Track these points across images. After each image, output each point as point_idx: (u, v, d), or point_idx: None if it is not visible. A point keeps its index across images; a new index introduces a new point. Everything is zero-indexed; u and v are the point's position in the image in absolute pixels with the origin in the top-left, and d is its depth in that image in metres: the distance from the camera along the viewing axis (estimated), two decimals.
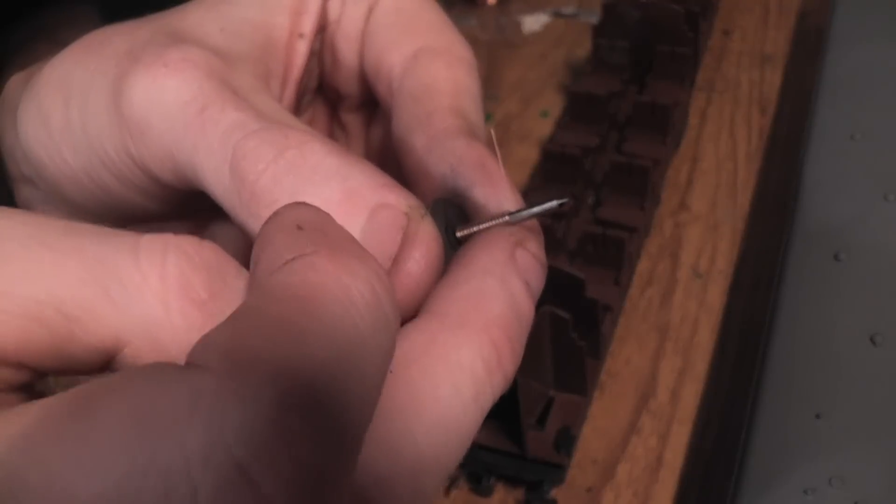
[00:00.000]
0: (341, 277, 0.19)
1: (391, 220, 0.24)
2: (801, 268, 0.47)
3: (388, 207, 0.24)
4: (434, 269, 0.24)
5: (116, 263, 0.21)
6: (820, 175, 0.51)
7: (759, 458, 0.40)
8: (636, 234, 0.46)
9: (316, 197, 0.23)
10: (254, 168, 0.24)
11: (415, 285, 0.24)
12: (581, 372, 0.40)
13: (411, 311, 0.24)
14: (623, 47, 0.54)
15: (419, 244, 0.24)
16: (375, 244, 0.23)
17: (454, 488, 0.40)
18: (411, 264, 0.23)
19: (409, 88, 0.29)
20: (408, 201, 0.24)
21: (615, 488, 0.40)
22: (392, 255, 0.23)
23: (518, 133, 0.58)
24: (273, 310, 0.18)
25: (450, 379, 0.21)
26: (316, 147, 0.24)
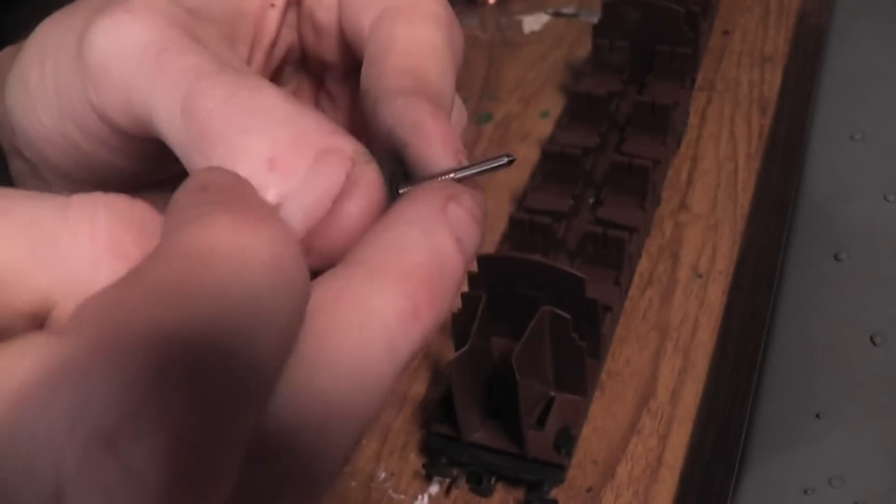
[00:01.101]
0: (237, 237, 0.19)
1: (336, 163, 0.24)
2: (801, 268, 0.47)
3: (335, 151, 0.24)
4: (373, 214, 0.24)
5: (45, 223, 0.21)
6: (820, 175, 0.51)
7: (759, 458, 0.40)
8: (636, 234, 0.46)
9: (264, 137, 0.23)
10: (204, 106, 0.24)
11: (353, 227, 0.24)
12: (581, 372, 0.40)
13: (341, 253, 0.24)
14: (623, 47, 0.54)
15: (361, 187, 0.24)
16: (318, 186, 0.23)
17: (454, 488, 0.41)
18: (351, 206, 0.23)
19: (368, 51, 0.29)
20: (354, 147, 0.24)
21: (615, 488, 0.40)
22: (333, 197, 0.23)
23: (518, 133, 0.58)
24: (158, 271, 0.17)
25: (359, 328, 0.20)
26: (268, 91, 0.24)
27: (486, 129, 0.59)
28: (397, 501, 0.41)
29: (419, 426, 0.43)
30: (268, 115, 0.24)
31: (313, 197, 0.23)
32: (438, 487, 0.41)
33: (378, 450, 0.42)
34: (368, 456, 0.42)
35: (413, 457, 0.42)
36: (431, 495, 0.41)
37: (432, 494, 0.41)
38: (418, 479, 0.41)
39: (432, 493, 0.41)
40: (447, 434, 0.39)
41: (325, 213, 0.23)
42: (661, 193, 0.52)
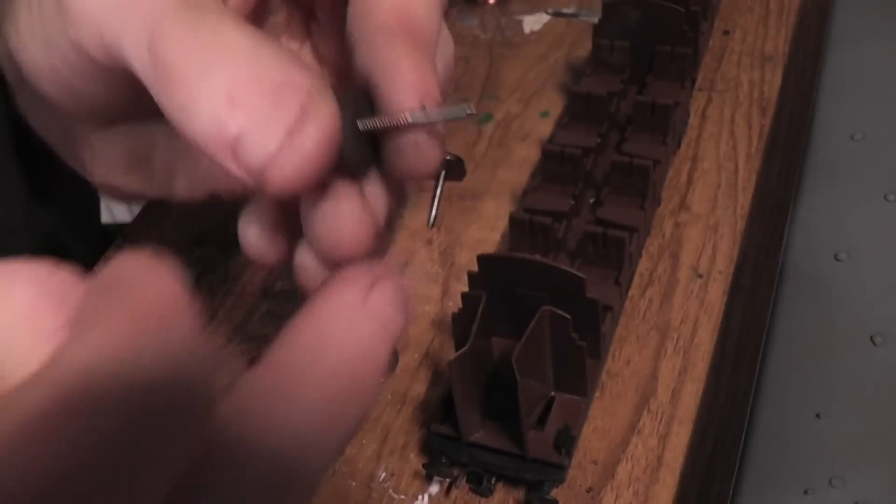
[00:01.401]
0: (132, 348, 0.19)
1: (292, 97, 0.24)
2: (801, 268, 0.47)
3: (292, 86, 0.24)
4: (325, 146, 0.25)
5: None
6: (820, 175, 0.52)
7: (759, 458, 0.40)
8: (636, 234, 0.46)
9: (223, 74, 0.24)
10: (166, 45, 0.25)
11: (305, 157, 0.24)
12: (581, 372, 0.40)
13: (302, 186, 0.25)
14: (623, 47, 0.54)
15: (316, 120, 0.24)
16: (274, 120, 0.24)
17: (454, 488, 0.41)
18: (306, 139, 0.24)
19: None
20: (311, 82, 0.25)
21: (615, 488, 0.40)
22: (289, 131, 0.24)
23: (518, 133, 0.58)
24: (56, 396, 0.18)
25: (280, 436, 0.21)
26: (229, 28, 0.25)
27: (486, 129, 0.59)
28: (397, 501, 0.41)
29: (419, 426, 0.43)
30: (227, 53, 0.25)
31: (270, 131, 0.24)
32: (438, 487, 0.41)
33: (378, 450, 0.42)
34: (368, 456, 0.42)
35: (413, 457, 0.42)
36: (431, 495, 0.41)
37: (432, 494, 0.41)
38: (418, 479, 0.41)
39: (432, 493, 0.41)
40: (447, 434, 0.39)
41: (281, 147, 0.24)
42: (660, 193, 0.52)
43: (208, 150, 0.25)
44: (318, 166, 0.25)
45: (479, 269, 0.40)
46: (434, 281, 0.50)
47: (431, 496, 0.41)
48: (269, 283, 0.51)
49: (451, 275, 0.50)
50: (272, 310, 0.49)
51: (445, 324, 0.47)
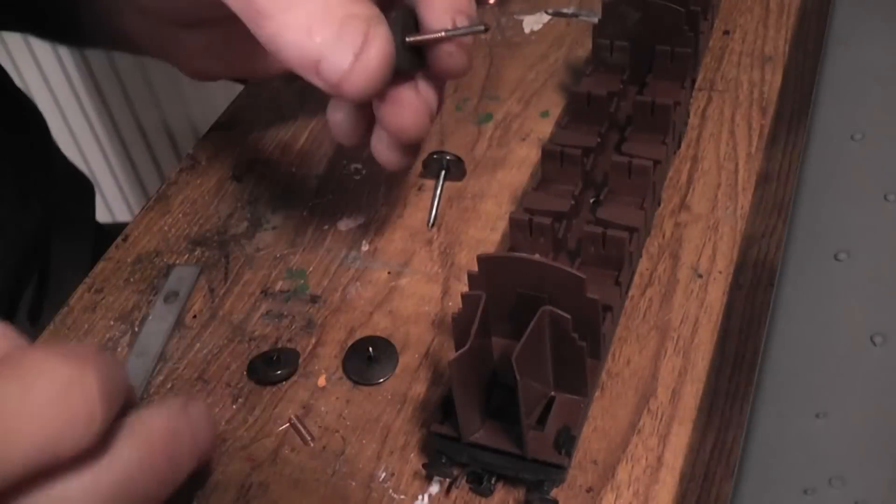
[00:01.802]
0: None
1: (356, 26, 0.33)
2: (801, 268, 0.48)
3: (355, 17, 0.33)
4: (385, 62, 0.34)
5: None
6: (820, 175, 0.52)
7: (759, 458, 0.40)
8: (636, 234, 0.46)
9: (302, 12, 0.32)
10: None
11: (371, 72, 0.34)
12: (581, 372, 0.40)
13: (371, 92, 0.35)
14: (623, 47, 0.54)
15: (374, 42, 0.33)
16: (345, 44, 0.33)
17: (454, 488, 0.41)
18: (369, 57, 0.33)
19: None
20: (369, 11, 0.33)
21: (615, 488, 0.40)
22: (356, 52, 0.33)
23: (518, 133, 0.58)
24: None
25: None
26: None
27: (486, 129, 0.59)
28: (397, 501, 0.41)
29: (419, 426, 0.43)
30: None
31: (342, 53, 0.33)
32: (438, 487, 0.41)
33: (378, 450, 0.42)
34: (368, 456, 0.42)
35: (413, 457, 0.42)
36: (431, 495, 0.41)
37: (432, 494, 0.41)
38: (418, 479, 0.41)
39: (432, 493, 0.41)
40: (447, 434, 0.39)
41: (352, 66, 0.33)
42: (660, 193, 0.52)
43: (296, 68, 0.34)
44: (380, 77, 0.34)
45: (479, 269, 0.40)
46: (434, 281, 0.50)
47: (431, 496, 0.41)
48: (269, 283, 0.51)
49: (451, 275, 0.50)
50: (272, 310, 0.49)
51: (445, 324, 0.47)
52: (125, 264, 0.53)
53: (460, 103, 0.61)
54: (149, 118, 1.45)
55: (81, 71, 1.39)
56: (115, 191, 1.54)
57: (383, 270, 0.51)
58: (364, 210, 0.54)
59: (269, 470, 0.42)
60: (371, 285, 0.50)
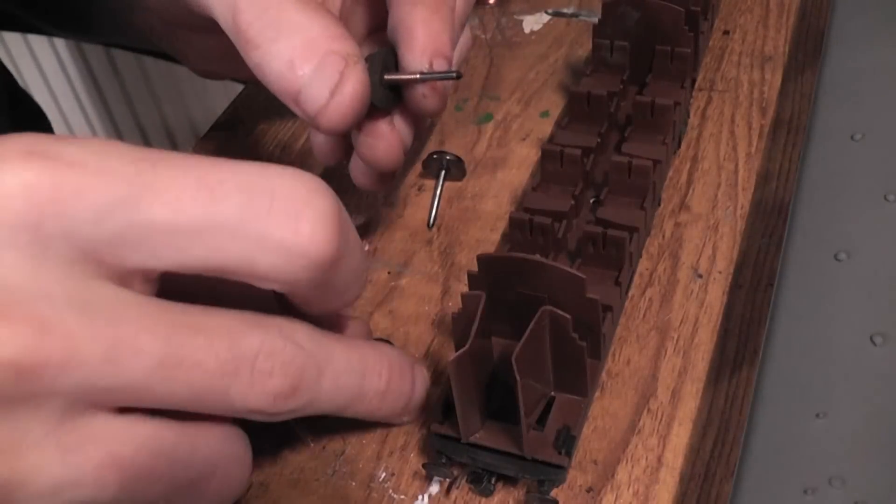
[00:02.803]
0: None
1: (334, 63, 0.34)
2: (801, 268, 0.48)
3: (334, 53, 0.34)
4: (358, 100, 0.35)
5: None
6: (820, 175, 0.52)
7: (759, 458, 0.40)
8: (636, 234, 0.46)
9: (286, 45, 0.34)
10: (245, 20, 0.34)
11: (344, 109, 0.35)
12: (581, 372, 0.40)
13: (345, 126, 0.36)
14: (623, 47, 0.54)
15: (349, 80, 0.34)
16: (322, 80, 0.34)
17: (454, 488, 0.41)
18: (342, 95, 0.34)
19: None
20: (348, 50, 0.35)
21: (615, 488, 0.40)
22: (332, 88, 0.34)
23: (518, 133, 0.58)
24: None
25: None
26: (290, 6, 0.34)
27: (486, 129, 0.59)
28: (397, 501, 0.41)
29: (419, 426, 0.43)
30: (289, 27, 0.34)
31: (319, 88, 0.34)
32: (438, 487, 0.41)
33: (378, 450, 0.42)
34: (368, 456, 0.42)
35: (413, 457, 0.42)
36: (431, 495, 0.41)
37: (432, 494, 0.41)
38: (418, 479, 0.41)
39: (432, 493, 0.41)
40: (447, 434, 0.39)
41: (327, 101, 0.34)
42: (660, 193, 0.52)
43: (278, 95, 0.35)
44: (353, 114, 0.35)
45: (479, 269, 0.40)
46: (434, 281, 0.50)
47: (431, 496, 0.41)
48: None
49: (451, 275, 0.50)
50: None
51: (445, 324, 0.47)
52: None
53: (460, 103, 0.61)
54: (149, 118, 1.45)
55: (81, 71, 1.39)
56: None
57: (383, 270, 0.51)
58: (364, 210, 0.54)
59: (268, 470, 0.42)
60: (371, 285, 0.50)
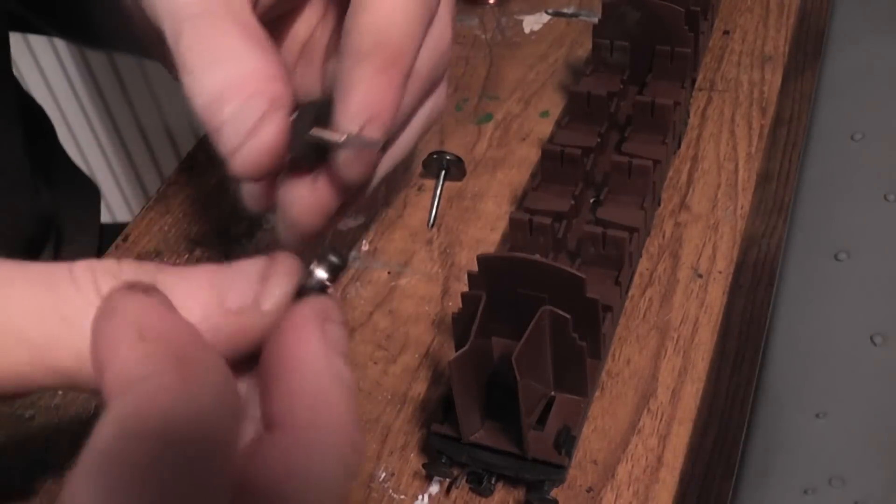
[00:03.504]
0: (190, 393, 0.23)
1: (258, 105, 0.31)
2: (801, 268, 0.48)
3: (261, 95, 0.31)
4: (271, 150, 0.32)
5: (61, 291, 0.25)
6: (820, 175, 0.52)
7: (759, 458, 0.40)
8: (636, 234, 0.46)
9: (218, 77, 0.31)
10: (184, 47, 0.32)
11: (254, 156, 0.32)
12: (581, 372, 0.40)
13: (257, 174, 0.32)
14: (623, 47, 0.54)
15: (268, 126, 0.31)
16: (242, 120, 0.31)
17: (454, 488, 0.41)
18: (257, 140, 0.31)
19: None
20: (277, 93, 0.32)
21: (615, 488, 0.40)
22: (248, 130, 0.31)
23: (518, 133, 0.58)
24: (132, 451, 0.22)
25: (316, 493, 0.24)
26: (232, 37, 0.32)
27: (486, 129, 0.59)
28: (397, 501, 0.41)
29: (419, 426, 0.43)
30: (225, 58, 0.32)
31: (235, 129, 0.31)
32: (438, 487, 0.41)
33: (378, 450, 0.42)
34: (368, 456, 0.42)
35: (413, 457, 0.42)
36: (431, 495, 0.41)
37: (432, 494, 0.41)
38: (418, 479, 0.41)
39: (432, 493, 0.41)
40: (447, 434, 0.39)
41: (241, 143, 0.31)
42: (660, 193, 0.52)
43: (203, 124, 0.33)
44: (266, 162, 0.32)
45: (479, 269, 0.40)
46: (434, 281, 0.50)
47: (431, 496, 0.41)
48: None
49: (451, 275, 0.50)
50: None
51: (445, 324, 0.47)
52: None
53: (460, 103, 0.61)
54: (149, 118, 1.45)
55: (81, 71, 1.39)
56: (115, 191, 1.54)
57: (383, 270, 0.51)
58: (364, 210, 0.54)
59: None
60: (371, 285, 0.50)
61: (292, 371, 0.26)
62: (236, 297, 0.27)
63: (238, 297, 0.27)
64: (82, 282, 0.26)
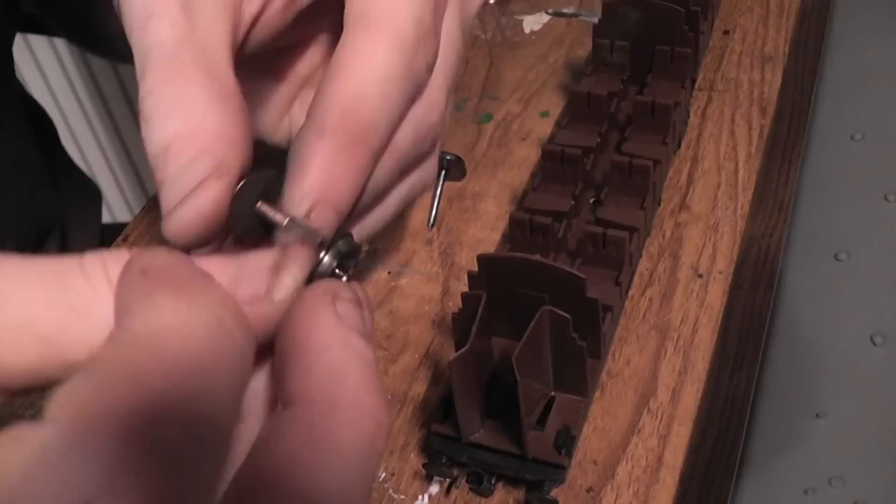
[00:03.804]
0: (180, 310, 0.22)
1: (202, 165, 0.29)
2: (801, 268, 0.48)
3: (208, 155, 0.29)
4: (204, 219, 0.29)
5: (71, 282, 0.25)
6: (820, 175, 0.52)
7: (759, 458, 0.40)
8: (636, 234, 0.46)
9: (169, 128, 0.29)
10: (145, 86, 0.30)
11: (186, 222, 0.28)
12: (581, 372, 0.40)
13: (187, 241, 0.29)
14: (623, 47, 0.54)
15: (203, 193, 0.28)
16: (181, 180, 0.28)
17: (454, 488, 0.41)
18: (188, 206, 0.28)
19: (329, 66, 0.32)
20: (227, 159, 0.29)
21: (615, 488, 0.40)
22: (187, 192, 0.28)
23: (518, 133, 0.58)
24: (116, 356, 0.21)
25: (339, 465, 0.23)
26: (194, 85, 0.30)
27: (486, 129, 0.59)
28: (397, 501, 0.41)
29: (419, 426, 0.43)
30: (182, 109, 0.29)
31: (174, 188, 0.28)
32: (438, 487, 0.41)
33: None
34: None
35: (413, 457, 0.42)
36: (431, 495, 0.41)
37: (432, 494, 0.41)
38: (418, 479, 0.41)
39: (432, 493, 0.41)
40: (447, 434, 0.39)
41: (176, 207, 0.28)
42: (660, 193, 0.52)
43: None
44: (197, 230, 0.29)
45: (479, 269, 0.40)
46: (434, 281, 0.50)
47: (431, 496, 0.41)
48: None
49: (451, 275, 0.50)
50: None
51: (445, 324, 0.47)
52: None
53: (460, 103, 0.61)
54: None
55: (82, 71, 1.39)
56: (115, 191, 1.54)
57: (383, 270, 0.51)
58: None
59: None
60: (371, 285, 0.50)
61: (306, 348, 0.25)
62: (248, 288, 0.27)
63: (249, 287, 0.27)
64: (92, 272, 0.25)
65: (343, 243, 0.30)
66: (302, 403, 0.24)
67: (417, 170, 0.37)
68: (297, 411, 0.24)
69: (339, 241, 0.30)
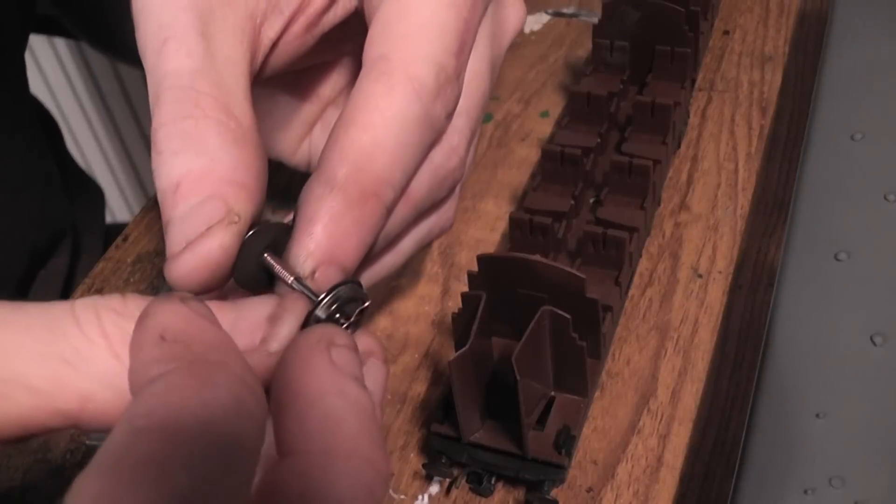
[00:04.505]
0: (201, 393, 0.22)
1: (209, 212, 0.27)
2: (801, 268, 0.47)
3: (216, 201, 0.27)
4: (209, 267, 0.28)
5: (63, 332, 0.24)
6: (820, 175, 0.51)
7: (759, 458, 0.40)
8: (636, 234, 0.46)
9: (182, 166, 0.28)
10: (158, 118, 0.29)
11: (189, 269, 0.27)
12: (581, 372, 0.40)
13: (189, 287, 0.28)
14: (623, 47, 0.54)
15: (210, 241, 0.27)
16: (191, 222, 0.27)
17: (454, 488, 0.41)
18: (194, 252, 0.27)
19: (343, 109, 0.30)
20: (237, 205, 0.28)
21: (615, 488, 0.40)
22: (195, 235, 0.27)
23: (518, 133, 0.58)
24: (137, 445, 0.21)
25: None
26: (210, 122, 0.28)
27: (486, 129, 0.59)
28: (397, 501, 0.41)
29: (419, 426, 0.43)
30: (196, 147, 0.28)
31: (179, 233, 0.27)
32: (438, 487, 0.41)
33: None
34: None
35: (413, 457, 0.42)
36: (431, 495, 0.41)
37: (432, 494, 0.41)
38: (418, 479, 0.41)
39: (432, 493, 0.41)
40: (447, 434, 0.39)
41: (181, 251, 0.27)
42: (660, 193, 0.52)
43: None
44: (200, 278, 0.28)
45: (479, 269, 0.40)
46: (434, 281, 0.50)
47: (431, 496, 0.41)
48: None
49: (451, 275, 0.50)
50: None
51: (445, 324, 0.47)
52: (125, 264, 0.53)
53: None
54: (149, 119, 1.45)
55: (82, 72, 1.39)
56: (115, 191, 1.54)
57: None
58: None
59: None
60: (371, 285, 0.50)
61: (300, 398, 0.25)
62: (244, 338, 0.26)
63: (246, 337, 0.26)
64: (85, 321, 0.25)
65: (345, 289, 0.28)
66: (298, 454, 0.24)
67: (435, 213, 0.35)
68: (293, 462, 0.24)
69: (340, 286, 0.28)
